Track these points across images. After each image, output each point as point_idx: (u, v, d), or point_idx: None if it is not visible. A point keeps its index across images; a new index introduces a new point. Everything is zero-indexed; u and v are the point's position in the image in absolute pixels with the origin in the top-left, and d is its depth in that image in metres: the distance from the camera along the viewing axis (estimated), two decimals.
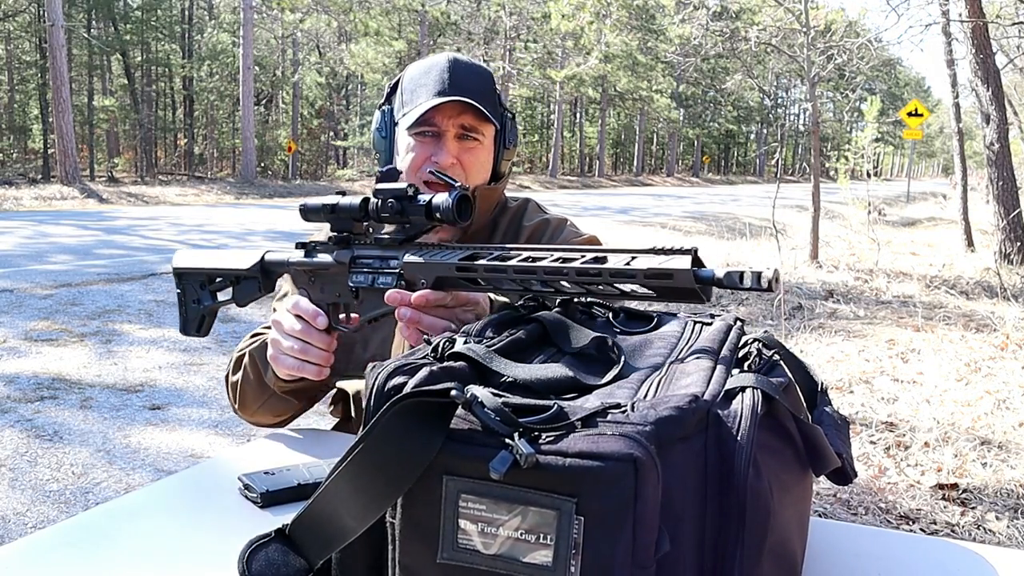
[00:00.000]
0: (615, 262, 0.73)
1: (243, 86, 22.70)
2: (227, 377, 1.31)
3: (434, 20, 27.26)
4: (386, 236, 0.97)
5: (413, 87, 1.25)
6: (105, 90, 28.52)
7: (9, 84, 25.67)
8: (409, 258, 0.92)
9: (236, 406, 1.30)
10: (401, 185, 0.93)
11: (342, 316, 1.05)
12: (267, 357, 1.12)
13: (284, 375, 1.12)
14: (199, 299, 1.18)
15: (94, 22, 27.77)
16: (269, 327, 1.17)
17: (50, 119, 21.37)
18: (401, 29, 28.19)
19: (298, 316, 1.05)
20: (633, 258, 0.72)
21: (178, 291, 1.19)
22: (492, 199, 1.33)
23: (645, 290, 0.72)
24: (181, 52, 30.02)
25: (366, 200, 0.96)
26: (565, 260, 0.76)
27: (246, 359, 1.24)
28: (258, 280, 1.12)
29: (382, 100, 1.32)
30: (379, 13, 24.16)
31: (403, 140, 1.26)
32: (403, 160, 1.25)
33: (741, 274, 0.67)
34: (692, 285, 0.68)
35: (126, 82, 28.15)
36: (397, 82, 1.31)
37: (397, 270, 0.94)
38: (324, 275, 1.03)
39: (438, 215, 0.90)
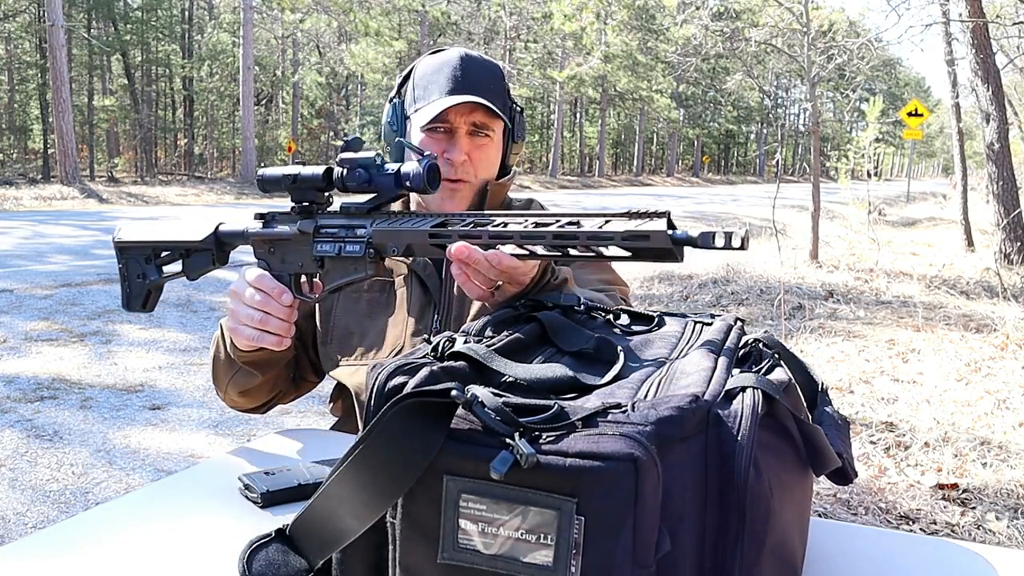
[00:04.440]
0: (590, 225, 0.75)
1: (243, 86, 22.69)
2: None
3: (434, 20, 27.24)
4: (353, 204, 0.97)
5: (425, 83, 1.26)
6: (105, 90, 28.50)
7: (9, 84, 25.66)
8: (380, 226, 0.93)
9: (215, 384, 1.28)
10: (368, 154, 0.93)
11: (304, 285, 1.04)
12: (226, 327, 1.11)
13: (243, 345, 1.12)
14: (144, 273, 1.15)
15: (94, 22, 27.75)
16: None
17: (50, 119, 21.36)
18: (401, 29, 28.16)
19: (259, 288, 1.04)
20: (607, 221, 0.75)
21: (120, 265, 1.16)
22: (500, 194, 1.35)
23: (622, 251, 0.74)
24: (181, 52, 29.99)
25: (329, 170, 0.96)
26: (540, 225, 0.78)
27: (218, 333, 1.23)
28: (212, 252, 1.10)
29: (392, 92, 1.33)
30: (379, 13, 24.12)
31: (415, 135, 1.27)
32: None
33: (713, 235, 0.69)
34: (668, 245, 0.71)
35: (126, 82, 28.13)
36: (408, 75, 1.32)
37: (365, 238, 0.94)
38: (285, 245, 1.03)
39: (408, 183, 0.90)
